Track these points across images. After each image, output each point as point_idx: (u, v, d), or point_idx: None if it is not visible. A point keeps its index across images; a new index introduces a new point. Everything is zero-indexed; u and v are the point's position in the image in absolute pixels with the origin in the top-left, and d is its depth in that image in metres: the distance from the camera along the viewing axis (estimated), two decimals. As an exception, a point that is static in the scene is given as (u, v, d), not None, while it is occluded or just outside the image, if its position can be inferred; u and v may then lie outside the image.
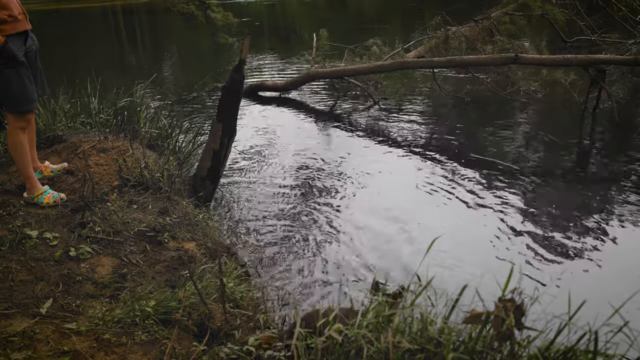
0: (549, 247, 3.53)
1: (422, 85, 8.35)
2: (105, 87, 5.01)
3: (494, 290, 2.98)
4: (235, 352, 2.00)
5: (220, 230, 3.69)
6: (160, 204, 3.40)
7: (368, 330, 1.65)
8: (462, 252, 3.49)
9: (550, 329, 1.62)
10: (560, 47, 8.28)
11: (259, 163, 5.15)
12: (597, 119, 6.30)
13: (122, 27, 19.73)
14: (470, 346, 1.54)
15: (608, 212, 4.02)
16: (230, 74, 3.74)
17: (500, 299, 1.48)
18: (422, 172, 4.85)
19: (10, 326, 2.04)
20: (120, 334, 2.06)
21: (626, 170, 4.83)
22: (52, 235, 2.79)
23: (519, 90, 7.22)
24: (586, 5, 8.61)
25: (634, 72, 6.93)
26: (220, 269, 2.09)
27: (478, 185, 4.54)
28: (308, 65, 8.93)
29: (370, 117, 6.78)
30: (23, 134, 3.09)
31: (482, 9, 9.50)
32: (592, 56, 6.23)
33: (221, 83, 7.59)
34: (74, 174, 3.62)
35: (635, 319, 1.98)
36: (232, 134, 3.90)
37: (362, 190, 4.48)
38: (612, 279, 3.16)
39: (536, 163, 5.15)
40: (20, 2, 3.01)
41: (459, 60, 6.74)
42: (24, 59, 2.98)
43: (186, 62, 11.83)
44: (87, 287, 2.45)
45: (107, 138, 4.07)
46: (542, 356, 1.54)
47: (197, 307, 2.24)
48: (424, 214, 4.03)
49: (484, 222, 3.88)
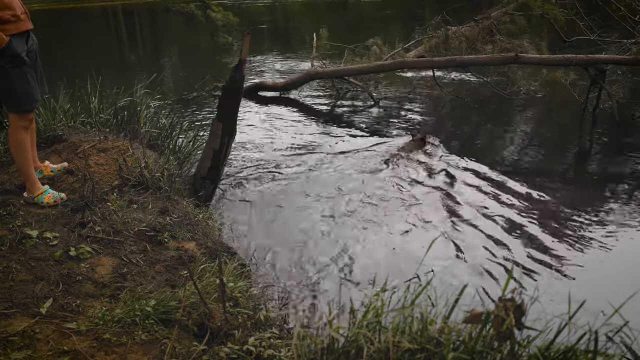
0: (549, 247, 3.53)
1: (422, 85, 8.35)
2: (106, 86, 5.00)
3: (494, 290, 3.00)
4: (235, 352, 2.00)
5: (220, 230, 3.69)
6: (160, 204, 3.40)
7: (368, 329, 1.65)
8: (462, 252, 3.49)
9: (550, 329, 1.62)
10: (560, 47, 8.27)
11: (259, 162, 5.14)
12: (597, 118, 6.30)
13: (122, 26, 19.73)
14: (470, 346, 1.54)
15: (608, 211, 4.02)
16: (231, 73, 3.74)
17: (500, 299, 1.48)
18: (422, 172, 4.85)
19: (10, 326, 2.04)
20: (120, 334, 2.06)
21: (626, 170, 4.83)
22: (52, 235, 2.79)
23: (519, 90, 7.22)
24: (586, 5, 8.60)
25: (634, 72, 6.93)
26: (220, 269, 2.09)
27: (478, 184, 4.54)
28: (308, 64, 8.93)
29: (370, 117, 6.78)
30: (25, 133, 3.10)
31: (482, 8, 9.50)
32: (592, 56, 6.22)
33: (221, 83, 7.59)
34: (74, 174, 3.62)
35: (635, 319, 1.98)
36: (232, 133, 3.89)
37: (362, 190, 4.48)
38: (613, 279, 3.16)
39: (536, 163, 5.15)
40: (22, 2, 3.02)
41: (459, 60, 6.74)
42: (27, 58, 2.98)
43: (186, 62, 11.83)
44: (87, 286, 2.45)
45: (107, 138, 4.07)
46: (542, 356, 1.54)
47: (197, 306, 2.24)
48: (424, 214, 4.03)
49: (483, 222, 3.88)
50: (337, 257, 3.45)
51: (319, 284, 3.16)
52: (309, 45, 10.51)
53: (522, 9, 8.96)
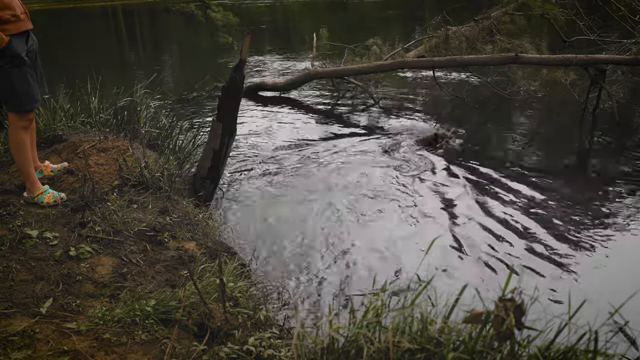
0: (549, 247, 3.53)
1: (422, 85, 8.35)
2: (105, 86, 5.00)
3: (494, 290, 3.00)
4: (235, 352, 2.00)
5: (220, 230, 3.69)
6: (160, 204, 3.40)
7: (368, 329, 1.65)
8: (462, 252, 3.49)
9: (550, 329, 1.62)
10: (560, 47, 8.27)
11: (259, 162, 5.14)
12: (597, 118, 6.30)
13: (122, 26, 19.73)
14: (470, 346, 1.54)
15: (608, 211, 4.02)
16: (231, 73, 3.74)
17: (500, 299, 1.48)
18: (422, 171, 4.85)
19: (10, 326, 2.04)
20: (120, 334, 2.06)
21: (626, 170, 4.83)
22: (52, 235, 2.79)
23: (519, 90, 7.22)
24: (586, 5, 8.60)
25: (634, 72, 6.92)
26: (220, 269, 2.09)
27: (478, 184, 4.54)
28: (308, 64, 8.93)
29: (370, 117, 6.78)
30: (25, 133, 3.10)
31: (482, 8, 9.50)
32: (592, 56, 6.22)
33: (221, 82, 7.59)
34: (74, 174, 3.62)
35: (635, 319, 1.98)
36: (232, 133, 3.89)
37: (363, 190, 4.48)
38: (613, 279, 3.16)
39: (536, 163, 5.15)
40: (22, 2, 3.02)
41: (459, 60, 6.74)
42: (27, 58, 2.98)
43: (186, 62, 11.83)
44: (87, 286, 2.45)
45: (107, 138, 4.07)
46: (542, 356, 1.54)
47: (197, 306, 2.24)
48: (424, 214, 4.03)
49: (483, 222, 3.88)
50: (337, 257, 3.44)
51: (319, 284, 3.16)
52: (309, 45, 10.51)
53: (522, 9, 8.96)
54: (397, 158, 5.19)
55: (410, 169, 4.92)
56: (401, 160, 5.13)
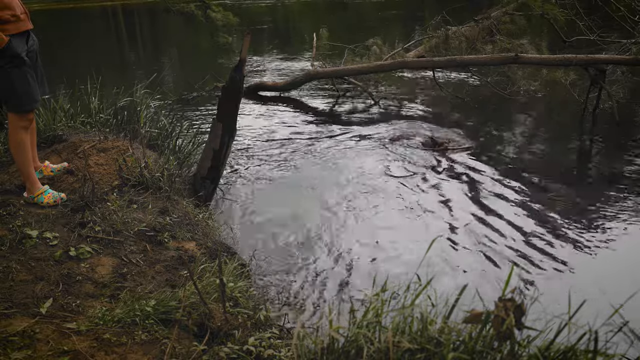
0: (549, 247, 3.53)
1: (422, 85, 8.35)
2: (105, 86, 5.00)
3: (494, 290, 3.00)
4: (235, 352, 2.00)
5: (220, 230, 3.69)
6: (160, 204, 3.40)
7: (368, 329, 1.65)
8: (462, 252, 3.49)
9: (550, 329, 1.62)
10: (560, 47, 8.27)
11: (259, 162, 5.15)
12: (597, 118, 6.30)
13: (122, 26, 19.73)
14: (470, 346, 1.54)
15: (608, 211, 4.02)
16: (231, 73, 3.74)
17: (500, 299, 1.48)
18: (422, 171, 4.85)
19: (10, 326, 2.04)
20: (120, 334, 2.06)
21: (626, 170, 4.83)
22: (52, 235, 2.79)
23: (519, 90, 7.22)
24: (586, 5, 8.59)
25: (634, 72, 6.93)
26: (220, 269, 2.09)
27: (478, 184, 4.54)
28: (308, 64, 8.93)
29: (370, 117, 6.78)
30: (25, 134, 3.10)
31: (482, 8, 9.50)
32: (592, 56, 6.22)
33: (221, 82, 7.59)
34: (74, 174, 3.62)
35: (635, 319, 1.98)
36: (232, 133, 3.89)
37: (363, 190, 4.48)
38: (613, 279, 3.16)
39: (536, 163, 5.15)
40: (22, 2, 3.02)
41: (459, 60, 6.74)
42: (27, 58, 2.98)
43: (186, 62, 11.83)
44: (87, 286, 2.45)
45: (107, 138, 4.07)
46: (542, 356, 1.54)
47: (197, 306, 2.24)
48: (424, 213, 4.04)
49: (483, 222, 3.88)
50: (337, 257, 3.45)
51: (319, 284, 3.16)
52: (309, 45, 10.51)
53: (522, 9, 8.96)
54: (397, 158, 5.19)
55: (410, 169, 4.92)
56: (401, 160, 5.13)
